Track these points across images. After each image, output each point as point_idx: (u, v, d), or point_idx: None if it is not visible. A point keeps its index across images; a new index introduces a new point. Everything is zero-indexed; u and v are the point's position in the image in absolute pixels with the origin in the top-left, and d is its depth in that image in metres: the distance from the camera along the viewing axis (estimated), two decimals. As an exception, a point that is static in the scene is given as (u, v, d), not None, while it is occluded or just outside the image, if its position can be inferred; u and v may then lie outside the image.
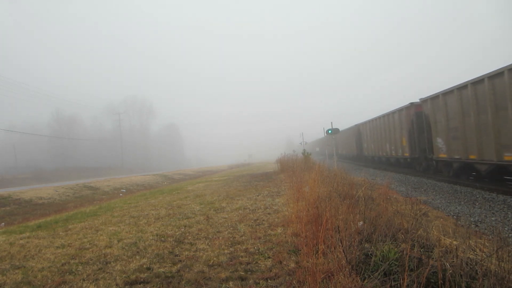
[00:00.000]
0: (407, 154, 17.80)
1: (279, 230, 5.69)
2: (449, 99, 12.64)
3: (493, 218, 7.44)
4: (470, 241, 3.79)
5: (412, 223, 4.27)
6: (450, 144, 12.87)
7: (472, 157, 11.40)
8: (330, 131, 23.01)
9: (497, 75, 9.77)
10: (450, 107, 12.64)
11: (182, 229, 6.36)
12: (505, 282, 2.74)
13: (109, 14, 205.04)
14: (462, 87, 11.61)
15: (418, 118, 16.07)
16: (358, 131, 29.25)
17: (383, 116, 21.36)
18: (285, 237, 5.19)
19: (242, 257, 4.49)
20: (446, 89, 12.73)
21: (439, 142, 13.77)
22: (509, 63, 9.24)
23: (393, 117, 19.50)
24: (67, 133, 70.39)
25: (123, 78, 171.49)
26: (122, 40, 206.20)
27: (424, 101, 15.05)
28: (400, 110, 18.32)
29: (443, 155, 13.58)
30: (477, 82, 10.72)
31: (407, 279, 2.62)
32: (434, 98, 13.87)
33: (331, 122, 23.16)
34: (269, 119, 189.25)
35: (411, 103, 16.79)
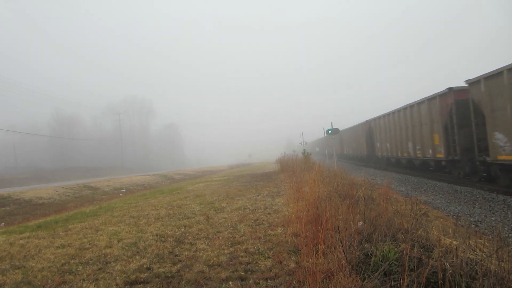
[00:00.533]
0: (441, 155, 14.02)
1: (279, 230, 5.69)
2: None
3: (493, 218, 7.44)
4: (470, 241, 3.79)
5: (412, 223, 4.27)
6: None
7: None
8: (330, 131, 23.02)
9: None
10: None
11: (182, 229, 6.36)
12: (505, 282, 2.74)
13: (109, 14, 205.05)
14: None
15: (460, 107, 12.42)
16: (369, 128, 25.75)
17: (404, 108, 17.59)
18: (285, 237, 5.19)
19: (242, 257, 4.49)
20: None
21: (499, 138, 10.00)
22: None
23: (419, 109, 15.76)
24: (67, 133, 70.38)
25: (123, 78, 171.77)
26: (122, 40, 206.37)
27: (473, 83, 11.12)
28: (430, 99, 14.57)
29: (505, 157, 9.83)
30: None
31: (407, 279, 2.62)
32: (491, 77, 10.11)
33: (331, 122, 23.18)
34: (269, 119, 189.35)
35: (450, 88, 13.05)
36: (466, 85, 11.64)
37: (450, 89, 13.03)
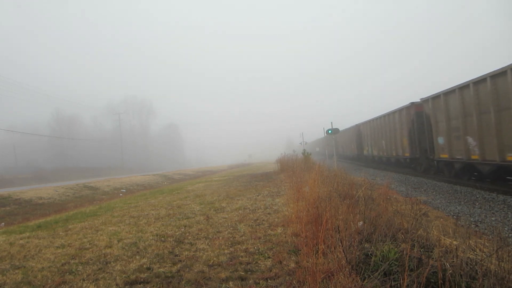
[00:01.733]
0: (407, 154, 17.68)
1: (279, 230, 5.69)
2: (451, 99, 12.56)
3: (493, 218, 7.44)
4: (470, 241, 3.79)
5: (412, 223, 4.27)
6: (452, 144, 12.76)
7: (474, 157, 11.25)
8: (330, 131, 23.03)
9: (498, 74, 9.74)
10: (451, 106, 12.56)
11: (182, 229, 6.36)
12: (505, 282, 2.74)
13: (109, 14, 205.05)
14: (463, 87, 11.54)
15: (419, 117, 15.92)
16: (358, 131, 29.14)
17: (384, 116, 21.21)
18: (285, 237, 5.19)
19: (242, 257, 4.49)
20: (448, 89, 12.67)
21: (441, 142, 13.66)
22: (510, 63, 9.23)
23: (394, 117, 19.37)
24: (67, 133, 70.37)
25: (123, 78, 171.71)
26: (122, 40, 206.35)
27: (425, 100, 14.88)
28: (400, 110, 18.17)
29: (444, 155, 13.47)
30: (479, 82, 10.65)
31: (407, 279, 2.62)
32: (435, 97, 13.79)
33: (331, 122, 23.21)
34: (269, 119, 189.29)
35: (412, 103, 16.63)
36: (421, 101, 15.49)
37: (412, 103, 16.72)
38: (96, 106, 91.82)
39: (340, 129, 27.65)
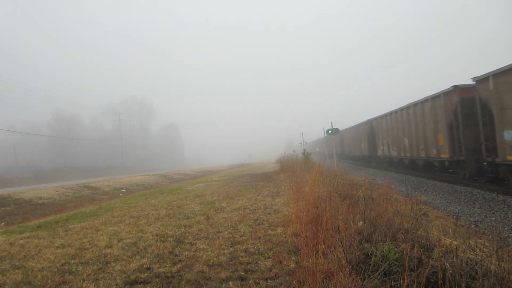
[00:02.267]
0: (445, 156, 13.64)
1: (279, 230, 5.69)
2: None
3: (493, 218, 7.44)
4: (470, 241, 3.79)
5: (412, 223, 4.27)
6: None
7: None
8: (330, 131, 23.03)
9: None
10: None
11: (182, 229, 6.36)
12: (505, 282, 2.74)
13: (109, 14, 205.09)
14: None
15: (466, 106, 12.08)
16: (370, 127, 25.19)
17: (407, 107, 17.12)
18: (285, 237, 5.19)
19: (242, 257, 4.49)
20: None
21: (508, 138, 9.60)
22: None
23: (423, 108, 15.40)
24: (67, 133, 70.35)
25: (123, 78, 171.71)
26: (122, 40, 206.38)
27: (481, 80, 10.71)
28: (434, 97, 14.16)
29: None
30: None
31: (407, 279, 2.62)
32: (500, 74, 9.72)
33: (331, 122, 23.20)
34: (269, 119, 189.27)
35: (455, 86, 12.64)
36: (473, 82, 11.25)
37: (455, 87, 12.60)
38: (96, 106, 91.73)
39: (340, 129, 27.56)
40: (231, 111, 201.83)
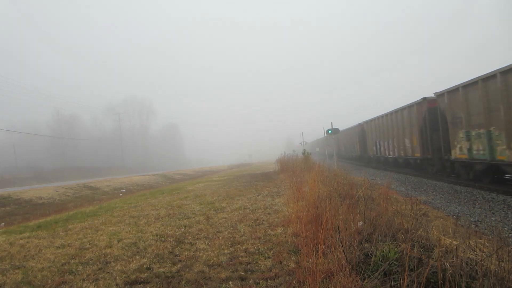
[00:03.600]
0: (418, 155, 16.24)
1: (279, 230, 5.69)
2: (471, 92, 11.22)
3: (493, 218, 7.44)
4: (470, 241, 3.79)
5: (412, 223, 4.27)
6: (472, 143, 11.38)
7: (501, 158, 10.05)
8: (330, 131, 23.03)
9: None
10: (471, 101, 11.26)
11: (182, 229, 6.36)
12: (505, 282, 2.74)
13: (109, 14, 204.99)
14: (488, 78, 10.19)
15: (432, 114, 14.52)
16: (361, 130, 27.81)
17: (391, 113, 19.74)
18: (285, 237, 5.19)
19: (242, 257, 4.49)
20: (467, 81, 11.35)
21: (459, 141, 12.23)
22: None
23: (402, 114, 17.93)
24: (67, 133, 70.38)
25: (123, 78, 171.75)
26: (123, 39, 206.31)
27: (439, 95, 13.38)
28: (410, 106, 16.65)
29: (462, 156, 12.06)
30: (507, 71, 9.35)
31: (407, 279, 2.61)
32: (451, 92, 12.41)
33: (331, 122, 23.20)
34: (269, 120, 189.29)
35: (424, 98, 15.18)
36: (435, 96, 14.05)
37: (424, 99, 15.20)
38: (96, 106, 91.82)
39: (340, 129, 27.63)
40: (231, 111, 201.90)
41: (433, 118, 14.45)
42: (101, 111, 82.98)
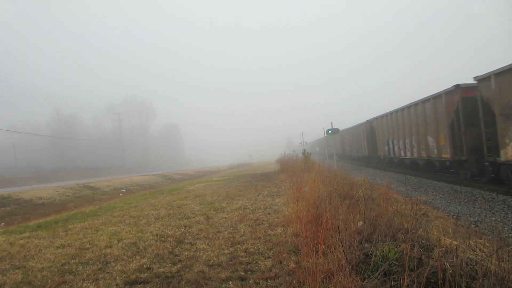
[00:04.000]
0: (446, 155, 13.46)
1: (279, 230, 5.69)
2: None
3: (493, 218, 7.44)
4: (470, 241, 3.79)
5: (412, 223, 4.27)
6: None
7: None
8: (330, 131, 23.04)
9: None
10: None
11: (182, 229, 6.36)
12: (505, 282, 2.74)
13: (109, 13, 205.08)
14: None
15: (468, 106, 11.98)
16: (370, 127, 25.14)
17: (408, 107, 16.96)
18: (285, 237, 5.19)
19: (242, 257, 4.49)
20: None
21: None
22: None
23: (424, 108, 15.24)
24: (67, 133, 70.35)
25: (123, 78, 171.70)
26: (123, 39, 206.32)
27: (483, 79, 10.69)
28: (436, 97, 13.99)
29: None
30: None
31: (407, 279, 2.62)
32: (502, 73, 9.68)
33: (331, 122, 23.20)
34: (269, 120, 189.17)
35: (457, 85, 12.46)
36: (475, 82, 11.17)
37: (456, 86, 12.44)
38: (96, 106, 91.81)
39: (340, 129, 27.58)
40: (231, 111, 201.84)
41: (469, 110, 11.94)
42: (101, 111, 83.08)
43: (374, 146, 24.56)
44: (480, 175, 12.01)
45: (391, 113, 19.90)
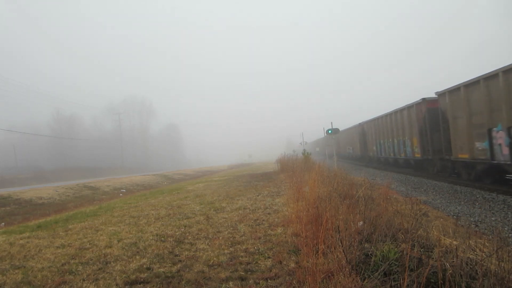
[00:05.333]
0: (418, 155, 16.38)
1: (279, 230, 5.69)
2: (474, 92, 11.09)
3: (493, 218, 7.44)
4: (470, 241, 3.79)
5: (412, 223, 4.27)
6: (474, 143, 11.29)
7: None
8: (330, 131, 23.04)
9: None
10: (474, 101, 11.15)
11: (182, 229, 6.36)
12: (505, 282, 2.74)
13: (110, 13, 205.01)
14: (490, 77, 10.05)
15: (432, 115, 14.64)
16: (362, 130, 27.93)
17: (391, 114, 19.89)
18: (285, 237, 5.19)
19: (242, 257, 4.49)
20: (469, 80, 11.25)
21: (459, 140, 12.29)
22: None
23: (402, 115, 18.03)
24: (67, 133, 70.34)
25: (123, 78, 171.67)
26: (123, 39, 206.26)
27: (441, 95, 13.42)
28: (409, 106, 16.76)
29: (463, 155, 12.04)
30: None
31: (407, 279, 2.62)
32: (452, 91, 12.44)
33: (331, 122, 23.21)
34: (269, 120, 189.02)
35: (423, 99, 15.34)
36: (436, 96, 14.03)
37: (423, 99, 15.39)
38: (96, 106, 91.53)
39: (340, 129, 27.65)
40: (232, 111, 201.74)
41: (433, 118, 14.54)
42: (101, 111, 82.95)
43: (365, 147, 27.57)
44: (443, 171, 14.76)
45: (378, 118, 22.78)
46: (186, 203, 10.11)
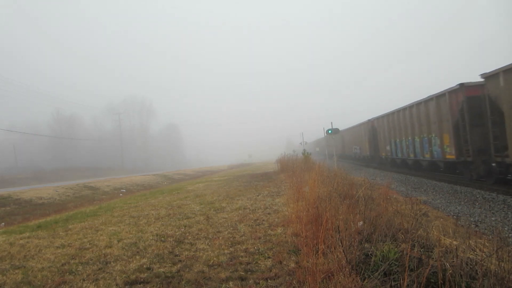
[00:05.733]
0: (451, 156, 13.04)
1: (279, 230, 5.69)
2: None
3: (493, 218, 7.44)
4: (470, 241, 3.79)
5: (412, 223, 4.27)
6: None
7: None
8: (330, 131, 23.03)
9: None
10: None
11: (182, 229, 6.36)
12: (505, 282, 2.74)
13: (110, 13, 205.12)
14: None
15: (472, 105, 11.54)
16: (371, 127, 24.63)
17: (410, 106, 16.61)
18: (285, 237, 5.19)
19: (242, 257, 4.49)
20: None
21: None
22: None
23: (427, 107, 14.83)
24: (67, 133, 70.33)
25: (123, 78, 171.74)
26: (123, 39, 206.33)
27: (490, 76, 10.32)
28: (439, 96, 13.61)
29: None
30: None
31: (407, 279, 2.62)
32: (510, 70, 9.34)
33: (331, 122, 23.19)
34: (269, 120, 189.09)
35: (461, 84, 11.96)
36: (481, 79, 10.83)
37: (461, 85, 11.95)
38: (96, 106, 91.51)
39: (340, 129, 27.55)
40: (231, 111, 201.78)
41: (475, 109, 11.52)
42: (101, 111, 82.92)
43: (376, 146, 24.14)
44: (487, 176, 11.57)
45: (392, 112, 19.53)
46: (186, 203, 10.11)
